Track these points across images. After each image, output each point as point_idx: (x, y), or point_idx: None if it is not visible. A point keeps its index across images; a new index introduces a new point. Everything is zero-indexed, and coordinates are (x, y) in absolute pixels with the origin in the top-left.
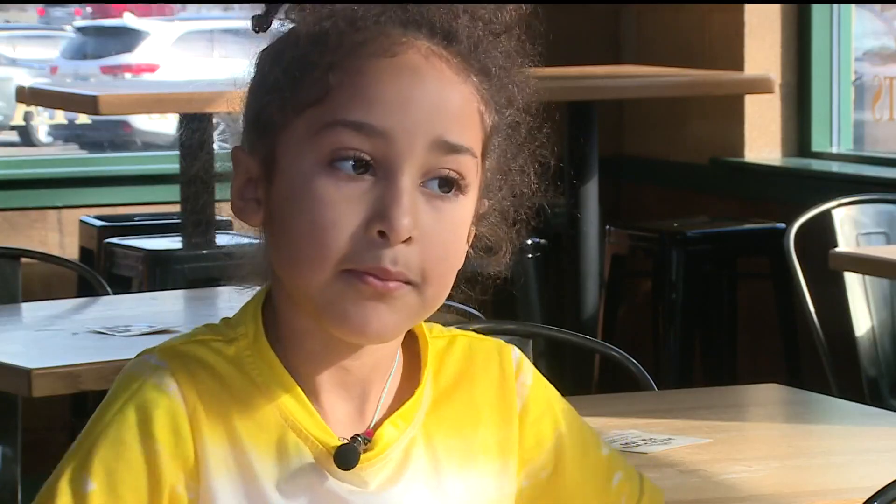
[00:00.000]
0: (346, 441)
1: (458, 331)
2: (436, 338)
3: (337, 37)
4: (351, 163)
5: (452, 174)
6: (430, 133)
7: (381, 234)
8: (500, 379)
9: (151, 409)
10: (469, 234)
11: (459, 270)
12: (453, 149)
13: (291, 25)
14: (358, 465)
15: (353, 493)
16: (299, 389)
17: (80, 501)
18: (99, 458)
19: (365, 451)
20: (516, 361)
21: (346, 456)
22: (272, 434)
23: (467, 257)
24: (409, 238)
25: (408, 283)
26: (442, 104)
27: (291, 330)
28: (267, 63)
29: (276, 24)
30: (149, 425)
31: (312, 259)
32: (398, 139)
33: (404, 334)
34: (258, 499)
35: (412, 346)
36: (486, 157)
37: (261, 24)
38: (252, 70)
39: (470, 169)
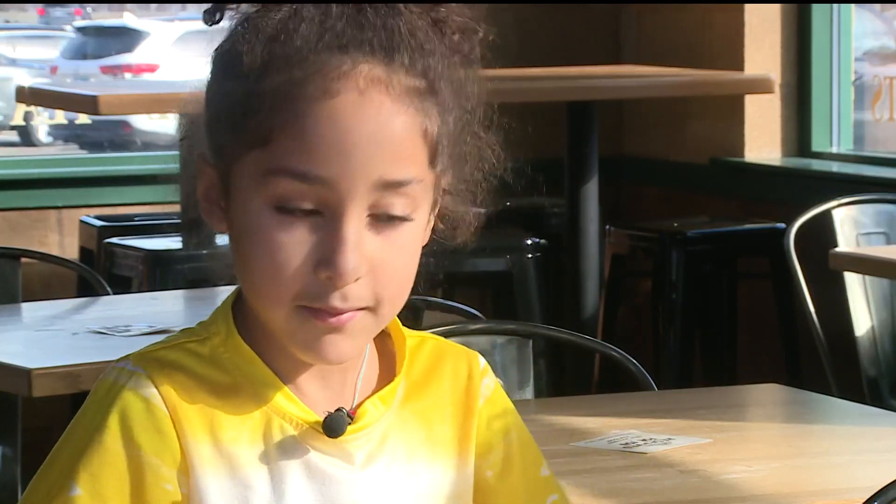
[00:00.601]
0: (329, 412)
1: (428, 334)
2: (408, 336)
3: (277, 73)
4: (296, 209)
5: (398, 210)
6: (372, 175)
7: (329, 277)
8: (466, 378)
9: (132, 413)
10: (428, 224)
11: (417, 273)
12: (397, 184)
13: (243, 24)
14: (343, 438)
15: (339, 469)
16: (277, 379)
17: None
18: (83, 465)
19: (350, 423)
20: (482, 366)
21: (334, 423)
22: (255, 422)
23: (432, 234)
24: (358, 277)
25: (362, 308)
26: (382, 142)
27: (266, 330)
28: (219, 75)
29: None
30: (131, 430)
31: (269, 294)
32: (340, 185)
33: None
34: (246, 491)
35: (384, 338)
36: (436, 161)
37: (211, 17)
38: (208, 71)
39: (417, 194)
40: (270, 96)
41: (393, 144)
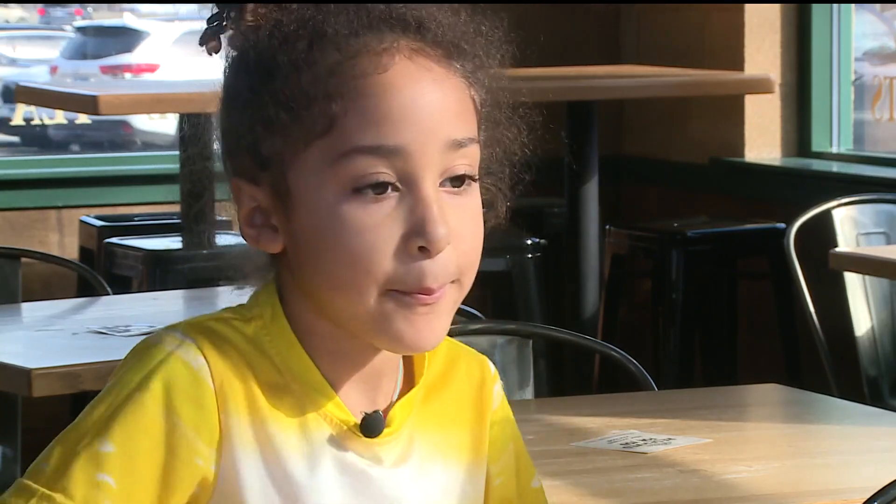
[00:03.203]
0: (367, 413)
1: None
2: None
3: (324, 62)
4: (374, 185)
5: (467, 169)
6: (441, 136)
7: (422, 248)
8: (479, 382)
9: (178, 382)
10: None
11: None
12: (462, 144)
13: (252, 39)
14: (375, 441)
15: (372, 468)
16: (319, 374)
17: (95, 459)
18: (119, 423)
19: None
20: (493, 372)
21: (373, 423)
22: (292, 411)
23: None
24: (448, 243)
25: (450, 283)
26: (444, 104)
27: (308, 330)
28: (244, 88)
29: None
30: (174, 399)
31: (356, 284)
32: (413, 151)
33: None
34: (280, 473)
35: None
36: (480, 130)
37: (208, 42)
38: (222, 88)
39: (476, 156)
40: (323, 83)
41: (452, 104)
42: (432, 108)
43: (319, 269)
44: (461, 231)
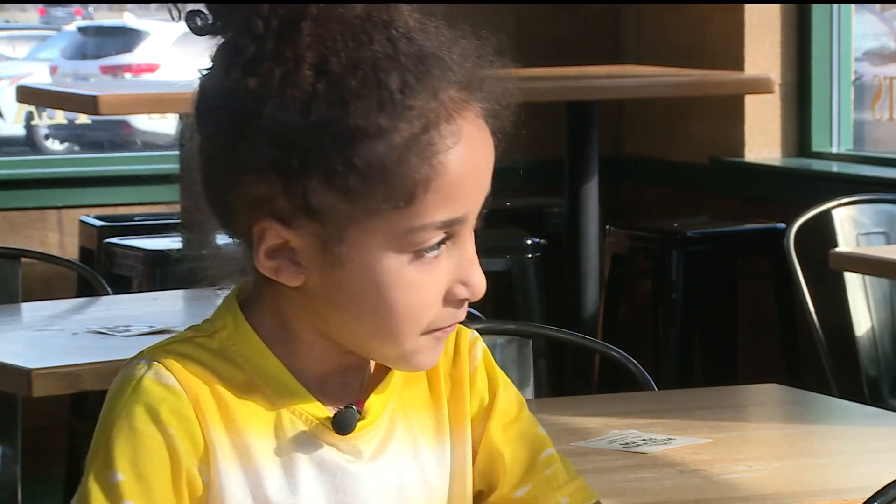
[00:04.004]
0: (340, 409)
1: None
2: None
3: (398, 134)
4: (433, 246)
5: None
6: (487, 191)
7: (467, 298)
8: (453, 353)
9: (156, 400)
10: None
11: None
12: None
13: (306, 84)
14: (353, 434)
15: (351, 462)
16: (288, 373)
17: (111, 493)
18: (119, 452)
19: (359, 419)
20: (471, 338)
21: (344, 420)
22: (266, 415)
23: None
24: None
25: None
26: (491, 160)
27: (298, 339)
28: (295, 131)
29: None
30: (159, 413)
31: (400, 333)
32: (472, 214)
33: None
34: (257, 480)
35: None
36: None
37: (195, 21)
38: (253, 114)
39: None
40: (399, 156)
41: (492, 156)
42: (489, 169)
43: (358, 316)
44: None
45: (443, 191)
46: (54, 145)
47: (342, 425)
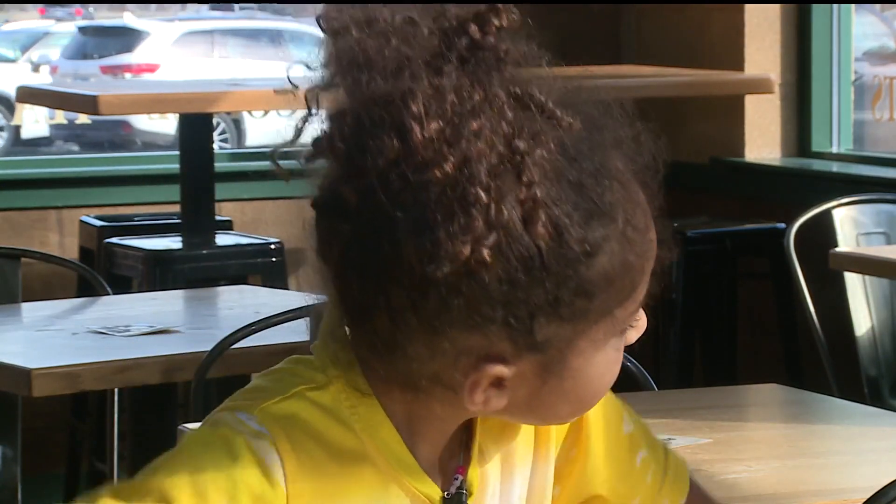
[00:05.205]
0: (450, 495)
1: None
2: None
3: (616, 231)
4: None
5: None
6: None
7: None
8: None
9: (244, 481)
10: None
11: None
12: None
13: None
14: None
15: None
16: (404, 445)
17: None
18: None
19: (467, 497)
20: None
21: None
22: (372, 486)
23: None
24: None
25: None
26: None
27: (429, 426)
28: (520, 274)
29: None
30: (237, 495)
31: (591, 405)
32: None
33: None
34: None
35: None
36: None
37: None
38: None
39: None
40: (620, 257)
41: None
42: None
43: (556, 405)
44: None
45: (640, 293)
46: (54, 145)
47: None
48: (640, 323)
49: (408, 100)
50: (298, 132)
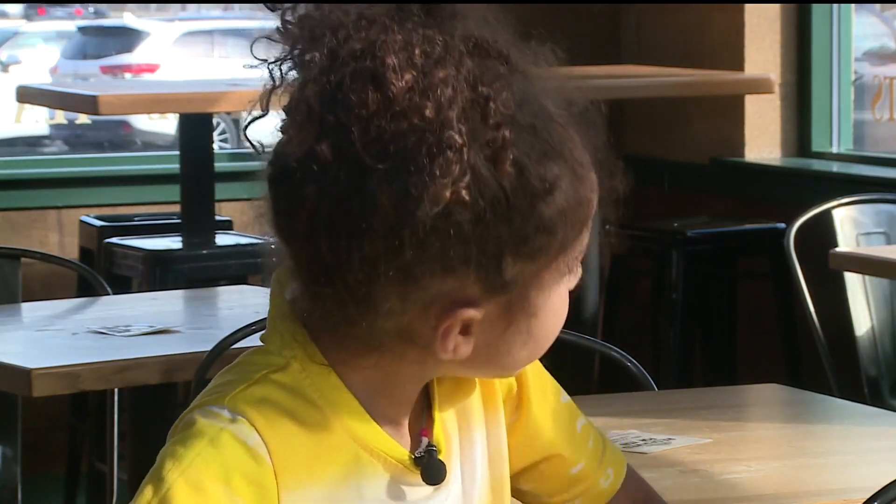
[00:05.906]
0: (421, 454)
1: None
2: None
3: (573, 192)
4: None
5: None
6: None
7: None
8: None
9: (234, 463)
10: None
11: None
12: None
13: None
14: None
15: (423, 489)
16: (364, 410)
17: None
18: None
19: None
20: None
21: (436, 473)
22: (344, 456)
23: None
24: None
25: None
26: None
27: (397, 388)
28: (492, 211)
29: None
30: (231, 479)
31: (549, 345)
32: None
33: None
34: None
35: None
36: None
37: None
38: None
39: None
40: (574, 211)
41: None
42: None
43: (515, 349)
44: None
45: (588, 226)
46: (54, 145)
47: (433, 477)
48: (579, 269)
49: (382, 52)
50: (266, 102)
